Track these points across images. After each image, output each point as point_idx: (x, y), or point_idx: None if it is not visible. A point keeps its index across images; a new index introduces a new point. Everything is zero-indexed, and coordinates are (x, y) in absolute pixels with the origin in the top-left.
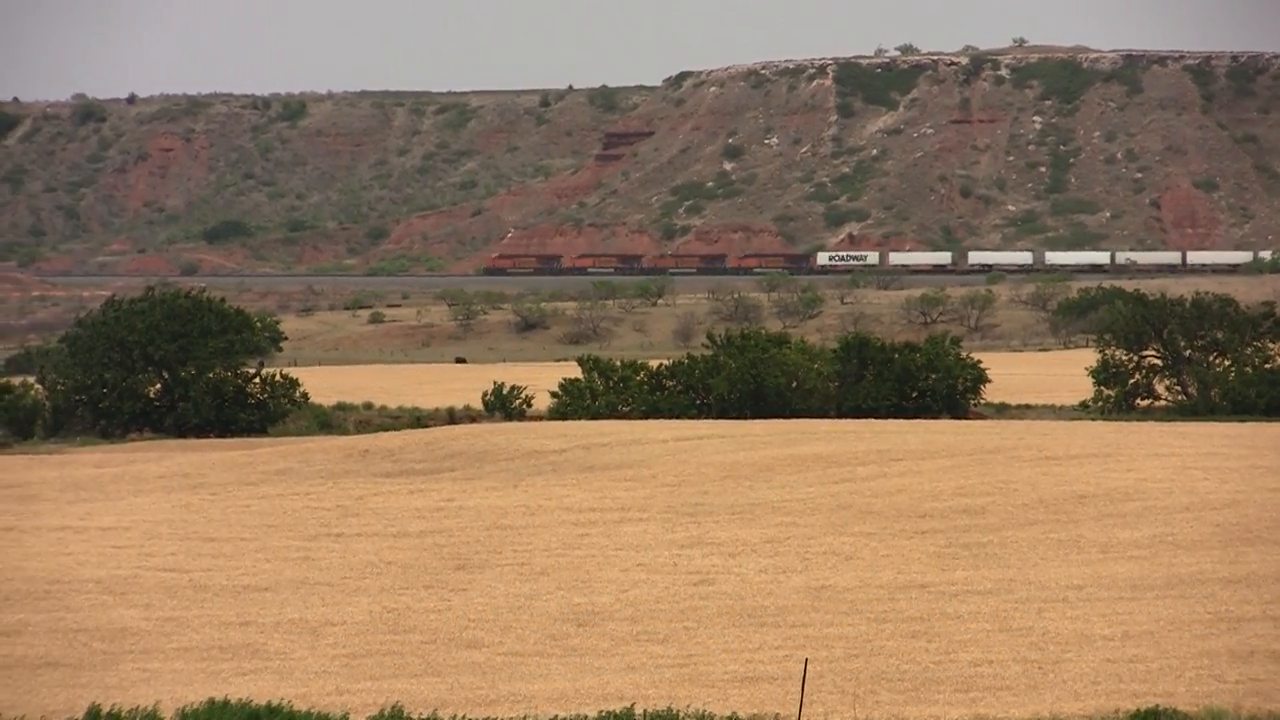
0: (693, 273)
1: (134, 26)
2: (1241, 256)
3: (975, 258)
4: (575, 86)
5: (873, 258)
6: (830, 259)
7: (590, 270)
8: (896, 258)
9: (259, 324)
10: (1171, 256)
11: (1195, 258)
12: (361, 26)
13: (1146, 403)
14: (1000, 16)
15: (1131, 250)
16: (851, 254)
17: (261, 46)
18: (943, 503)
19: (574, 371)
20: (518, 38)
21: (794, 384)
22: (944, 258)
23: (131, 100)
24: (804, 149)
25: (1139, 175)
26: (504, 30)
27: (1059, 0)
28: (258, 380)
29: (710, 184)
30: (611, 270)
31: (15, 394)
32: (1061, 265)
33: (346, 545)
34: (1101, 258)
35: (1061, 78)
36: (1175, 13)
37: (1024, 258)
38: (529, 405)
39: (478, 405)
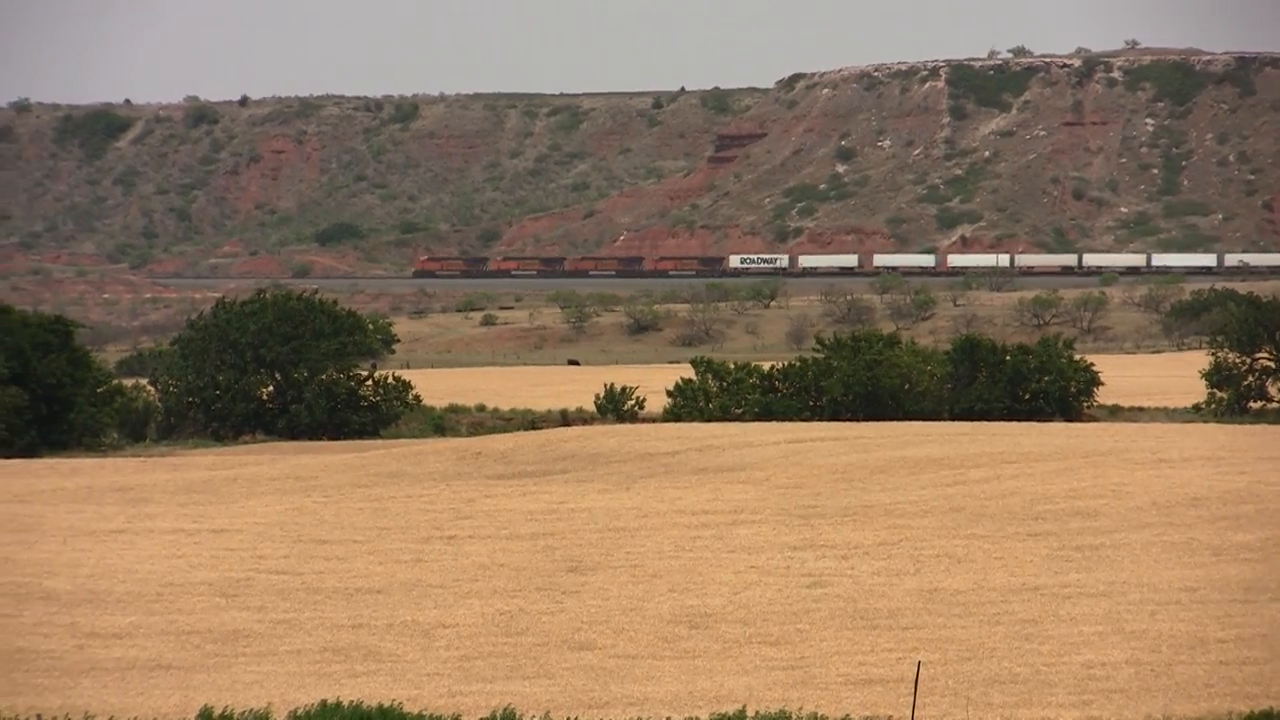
0: (611, 275)
1: (246, 28)
2: None
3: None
4: (687, 88)
5: (783, 261)
6: (742, 261)
7: (514, 273)
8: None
9: (371, 326)
10: None
11: None
12: (474, 28)
13: (1259, 405)
14: (1112, 18)
15: (1244, 252)
16: (764, 257)
17: (374, 48)
18: (1055, 505)
19: (686, 373)
20: (629, 39)
21: (907, 386)
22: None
23: (244, 102)
24: (916, 151)
25: (1251, 177)
26: (616, 32)
27: (1171, 2)
28: (370, 382)
29: (823, 186)
30: (534, 274)
31: (128, 396)
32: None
33: (459, 547)
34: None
35: (1174, 80)
36: None
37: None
38: (641, 407)
39: (590, 407)
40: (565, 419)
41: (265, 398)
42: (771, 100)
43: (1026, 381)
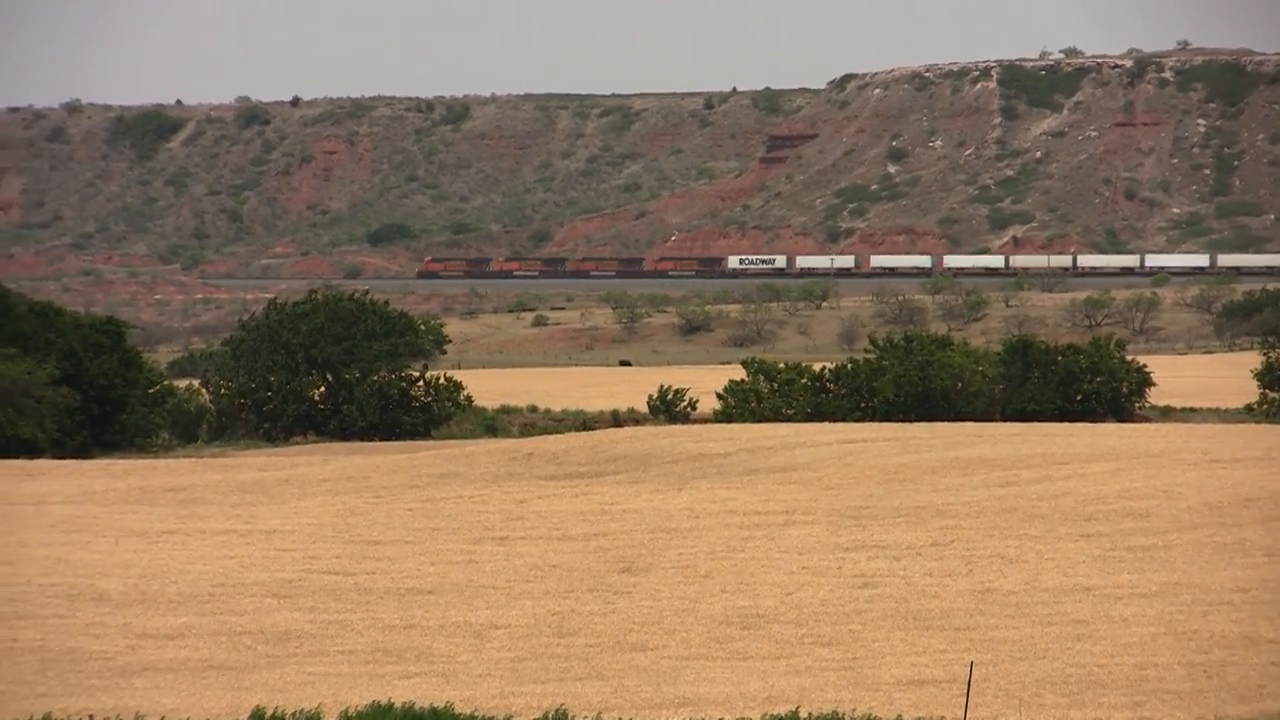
0: (612, 276)
1: (297, 29)
2: None
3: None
4: (739, 89)
5: (780, 261)
6: (741, 262)
7: (516, 274)
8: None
9: (423, 327)
10: None
11: None
12: (525, 29)
13: None
14: (1164, 19)
15: None
16: (762, 258)
17: (425, 49)
18: (1107, 506)
19: (738, 374)
20: (681, 40)
21: (959, 386)
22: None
23: (295, 103)
24: (968, 151)
25: None
26: (667, 32)
27: (1223, 3)
28: (422, 383)
29: (874, 187)
30: (536, 274)
31: (180, 397)
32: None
33: (510, 548)
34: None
35: (1225, 80)
36: None
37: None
38: (693, 408)
39: (642, 408)
40: (617, 420)
41: (317, 398)
42: (823, 101)
43: (1078, 382)
